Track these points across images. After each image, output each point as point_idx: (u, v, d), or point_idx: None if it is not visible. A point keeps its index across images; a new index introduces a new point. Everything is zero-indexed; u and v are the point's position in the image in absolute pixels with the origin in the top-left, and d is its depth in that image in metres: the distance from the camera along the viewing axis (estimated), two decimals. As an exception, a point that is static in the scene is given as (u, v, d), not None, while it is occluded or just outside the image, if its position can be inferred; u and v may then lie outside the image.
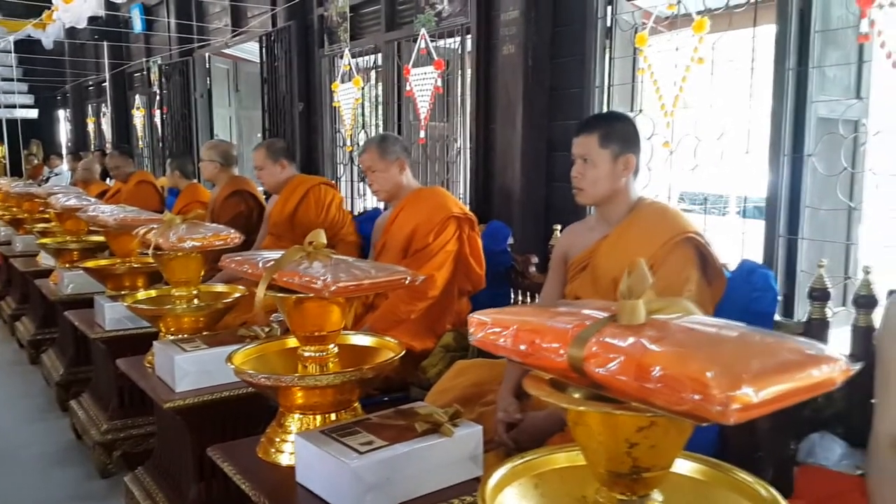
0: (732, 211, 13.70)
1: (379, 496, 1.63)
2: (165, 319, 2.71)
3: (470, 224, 3.13)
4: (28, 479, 3.28)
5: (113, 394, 3.28)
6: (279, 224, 4.00)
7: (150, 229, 2.77)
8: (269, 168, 4.09)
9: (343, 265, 1.92)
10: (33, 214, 5.89)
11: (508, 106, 4.60)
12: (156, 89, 10.07)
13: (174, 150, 9.48)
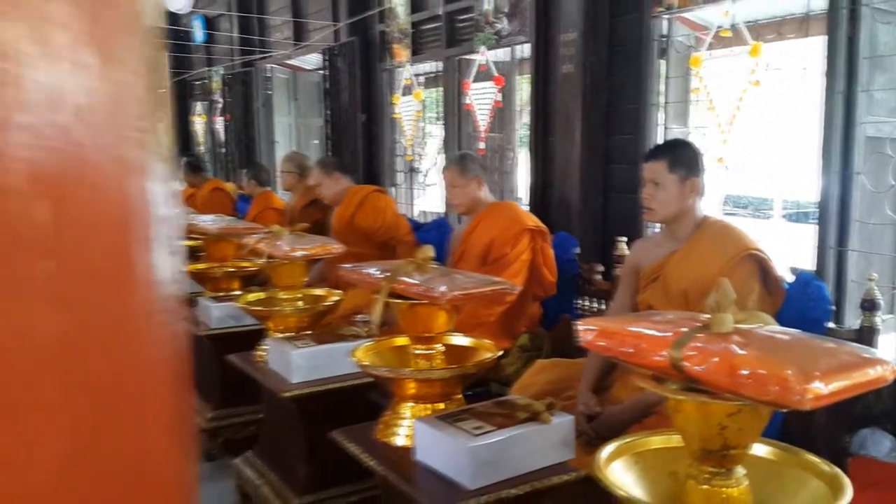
0: (777, 214, 13.78)
1: (490, 472, 1.94)
2: (275, 319, 3.06)
3: (542, 236, 3.43)
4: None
5: (216, 386, 3.65)
6: (341, 231, 4.34)
7: (260, 239, 3.12)
8: (325, 182, 4.45)
9: (450, 276, 2.24)
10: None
11: (567, 121, 4.88)
12: (217, 97, 10.54)
13: (237, 156, 9.93)
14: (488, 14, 5.96)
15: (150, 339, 0.43)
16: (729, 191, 12.91)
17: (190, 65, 12.00)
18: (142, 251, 0.42)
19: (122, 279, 0.41)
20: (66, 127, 0.39)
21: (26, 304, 0.38)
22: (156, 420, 0.43)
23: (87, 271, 0.39)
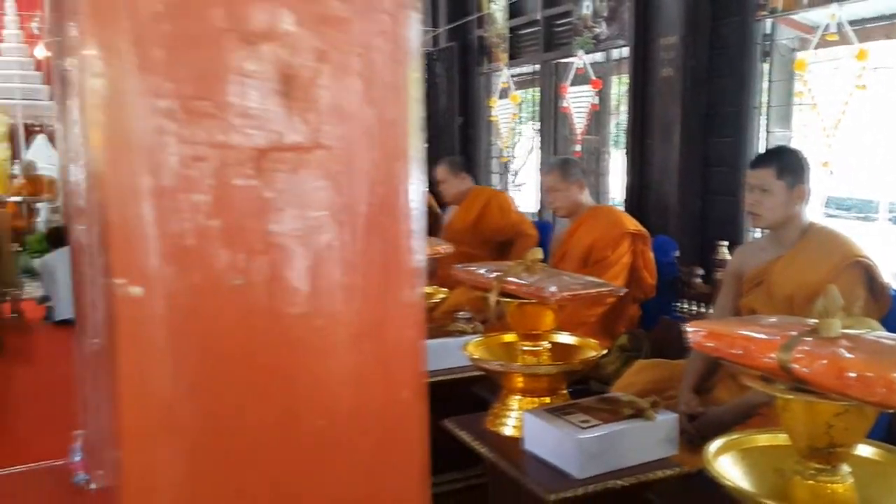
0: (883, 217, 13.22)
1: (597, 464, 2.06)
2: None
3: (643, 239, 3.51)
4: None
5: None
6: (461, 231, 4.50)
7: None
8: (451, 181, 4.62)
9: (558, 277, 2.36)
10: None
11: (665, 124, 4.91)
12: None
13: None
14: (587, 18, 6.03)
15: (415, 321, 0.58)
16: (832, 193, 12.49)
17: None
18: (409, 246, 0.57)
19: (399, 273, 0.56)
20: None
21: (332, 306, 0.54)
22: (413, 379, 0.59)
23: (376, 273, 0.55)
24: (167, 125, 0.49)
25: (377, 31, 0.53)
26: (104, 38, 0.47)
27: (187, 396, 0.51)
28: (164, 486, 0.51)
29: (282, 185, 0.52)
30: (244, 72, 0.50)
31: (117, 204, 0.49)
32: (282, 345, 0.53)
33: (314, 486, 0.55)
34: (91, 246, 0.57)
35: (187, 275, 0.51)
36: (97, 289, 0.57)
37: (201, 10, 0.48)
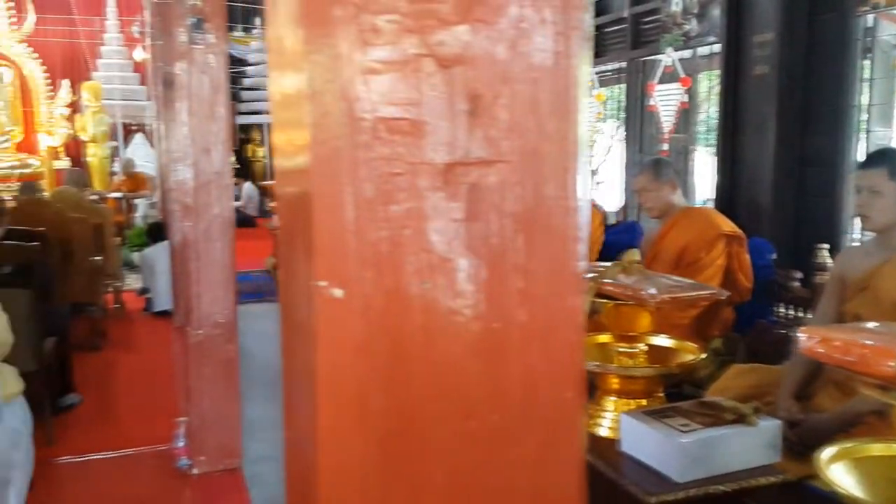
0: None
1: (698, 468, 2.05)
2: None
3: (738, 241, 3.44)
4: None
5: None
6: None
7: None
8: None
9: (656, 279, 2.36)
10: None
11: (759, 123, 4.80)
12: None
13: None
14: (676, 15, 5.94)
15: (578, 325, 0.62)
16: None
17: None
18: (575, 252, 0.61)
19: (566, 279, 0.60)
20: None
21: (509, 309, 0.58)
22: (575, 380, 0.62)
23: (546, 279, 0.59)
24: (372, 143, 0.53)
25: (551, 52, 0.57)
26: (323, 67, 0.52)
27: (379, 390, 0.56)
28: (356, 472, 0.56)
29: (466, 196, 0.56)
30: (438, 93, 0.54)
31: (323, 214, 0.54)
32: (460, 345, 0.57)
33: (486, 477, 0.59)
34: (288, 249, 0.63)
35: (381, 279, 0.55)
36: (292, 289, 0.62)
37: (400, 38, 0.53)
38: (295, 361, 0.64)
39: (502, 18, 0.55)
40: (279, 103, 0.61)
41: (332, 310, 0.55)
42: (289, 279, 0.65)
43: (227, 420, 3.48)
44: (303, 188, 0.55)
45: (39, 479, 3.27)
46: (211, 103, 3.34)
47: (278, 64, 0.61)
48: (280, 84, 0.60)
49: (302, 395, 0.60)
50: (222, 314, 3.48)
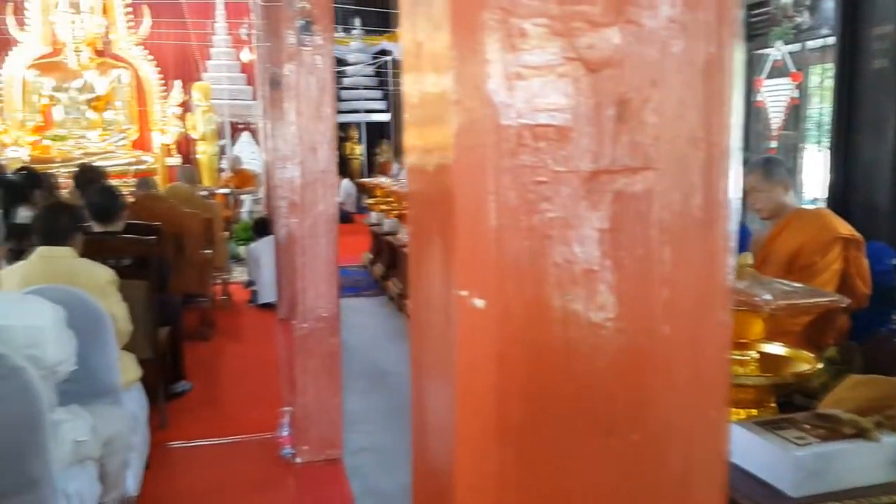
0: None
1: (814, 483, 1.95)
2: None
3: (856, 245, 3.26)
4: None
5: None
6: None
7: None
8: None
9: (771, 284, 2.26)
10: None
11: (877, 119, 4.54)
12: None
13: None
14: (787, 8, 5.69)
15: (725, 341, 0.59)
16: None
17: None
18: (724, 265, 0.58)
19: (714, 292, 0.57)
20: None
21: (653, 321, 0.56)
22: (720, 399, 0.59)
23: (692, 292, 0.56)
24: (516, 150, 0.52)
25: (704, 53, 0.54)
26: (469, 72, 0.52)
27: (518, 404, 0.55)
28: (493, 485, 0.55)
29: (611, 205, 0.54)
30: (585, 99, 0.53)
31: (466, 222, 0.53)
32: (602, 359, 0.56)
33: (626, 496, 0.57)
34: (423, 253, 0.62)
35: (523, 290, 0.54)
36: (426, 294, 0.62)
37: (547, 42, 0.52)
38: (429, 368, 0.64)
39: (653, 19, 0.53)
40: (417, 105, 0.61)
41: (473, 319, 0.54)
42: (422, 284, 0.65)
43: (329, 411, 3.56)
44: (444, 195, 0.55)
45: (154, 461, 3.43)
46: (318, 103, 3.41)
47: (417, 67, 0.60)
48: (419, 87, 0.60)
49: (438, 404, 0.60)
50: (326, 308, 3.56)
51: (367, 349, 5.45)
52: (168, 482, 3.41)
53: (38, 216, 3.24)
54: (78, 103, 11.72)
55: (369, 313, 6.81)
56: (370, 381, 4.77)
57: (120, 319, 3.07)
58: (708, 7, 0.54)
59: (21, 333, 2.20)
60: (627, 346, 0.56)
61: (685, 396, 0.58)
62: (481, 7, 0.51)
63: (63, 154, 11.23)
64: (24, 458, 2.17)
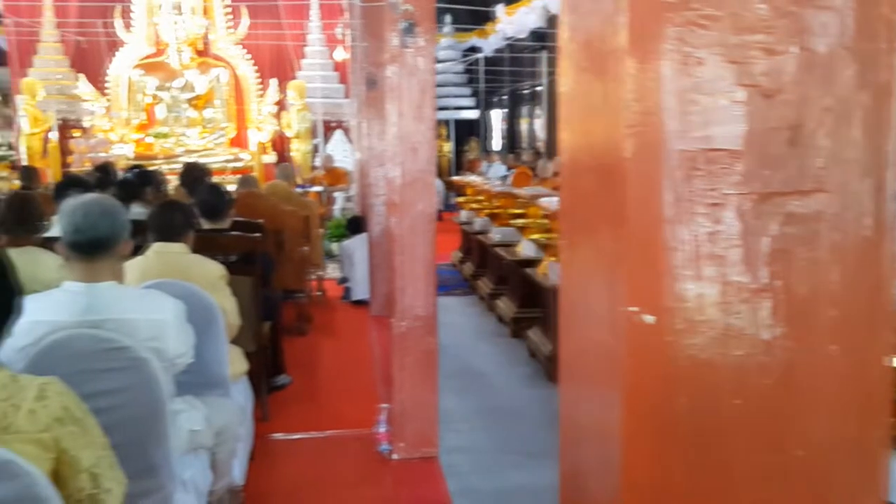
0: None
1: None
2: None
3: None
4: (534, 434, 4.07)
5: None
6: None
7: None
8: None
9: None
10: (506, 209, 6.98)
11: None
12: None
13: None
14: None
15: (886, 363, 0.59)
16: None
17: (563, 63, 12.62)
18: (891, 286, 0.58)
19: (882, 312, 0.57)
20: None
21: (821, 340, 0.56)
22: (882, 420, 0.59)
23: (862, 313, 0.57)
24: (690, 173, 0.54)
25: (875, 81, 0.54)
26: (646, 97, 0.53)
27: (684, 414, 0.56)
28: (658, 490, 0.56)
29: (781, 227, 0.55)
30: (758, 124, 0.54)
31: (639, 241, 0.55)
32: (769, 377, 0.56)
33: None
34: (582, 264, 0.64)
35: (691, 307, 0.55)
36: (586, 305, 0.63)
37: (723, 69, 0.53)
38: (587, 379, 0.66)
39: (827, 47, 0.53)
40: (586, 127, 0.63)
41: (642, 335, 0.56)
42: (581, 297, 0.66)
43: (425, 409, 3.62)
44: (615, 216, 0.56)
45: (257, 452, 3.57)
46: (419, 104, 3.47)
47: (588, 90, 0.62)
48: (590, 108, 0.62)
49: (599, 415, 0.62)
50: (423, 307, 3.62)
51: (458, 349, 5.50)
52: (271, 473, 3.54)
53: (154, 214, 3.41)
54: (179, 102, 12.25)
55: (459, 312, 6.86)
56: (462, 381, 4.82)
57: (230, 313, 3.20)
58: (879, 35, 0.54)
59: (144, 326, 2.32)
60: (794, 365, 0.56)
61: (849, 415, 0.58)
62: (660, 37, 0.52)
63: (165, 151, 11.76)
64: (146, 446, 2.30)
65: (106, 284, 2.31)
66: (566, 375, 0.79)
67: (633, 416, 0.57)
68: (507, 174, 12.04)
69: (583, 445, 0.69)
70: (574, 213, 0.68)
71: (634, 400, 0.57)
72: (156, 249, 3.26)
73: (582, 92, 0.65)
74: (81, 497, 1.69)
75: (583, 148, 0.65)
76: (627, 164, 0.55)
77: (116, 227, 2.31)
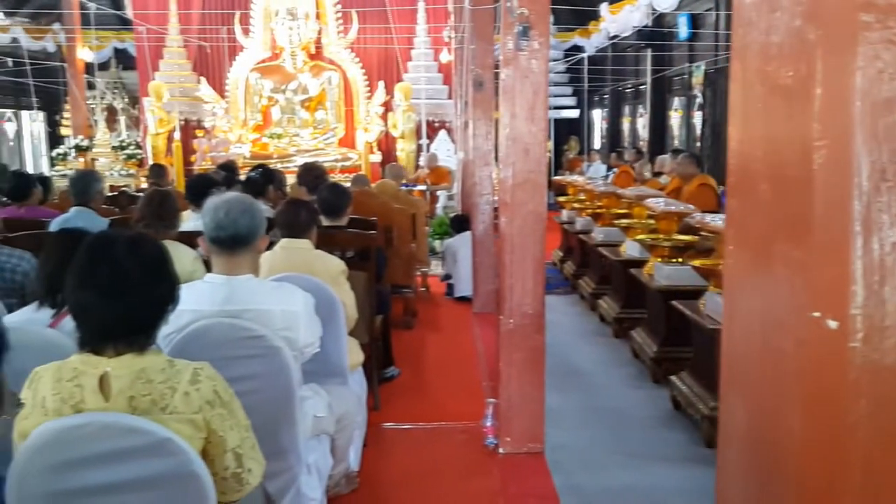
0: None
1: None
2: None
3: None
4: (641, 435, 4.06)
5: (717, 377, 3.85)
6: None
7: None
8: None
9: None
10: (610, 209, 6.94)
11: None
12: (696, 92, 10.71)
13: (712, 151, 10.00)
14: None
15: None
16: None
17: (671, 61, 12.36)
18: None
19: None
20: None
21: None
22: None
23: None
24: (878, 185, 0.58)
25: None
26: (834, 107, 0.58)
27: (864, 419, 0.60)
28: (836, 489, 0.60)
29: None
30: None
31: (830, 250, 0.59)
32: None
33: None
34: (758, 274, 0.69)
35: (872, 317, 0.59)
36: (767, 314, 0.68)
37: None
38: (759, 385, 0.70)
39: None
40: (768, 135, 0.67)
41: (824, 341, 0.60)
42: (749, 300, 0.71)
43: (532, 405, 3.67)
44: (800, 226, 0.61)
45: (370, 440, 3.72)
46: (531, 106, 3.53)
47: (761, 94, 0.67)
48: (766, 112, 0.66)
49: (775, 421, 0.66)
50: (531, 305, 3.68)
51: (561, 347, 5.52)
52: (383, 460, 3.68)
53: (280, 211, 3.61)
54: (293, 104, 12.74)
55: (561, 311, 6.87)
56: (565, 380, 4.85)
57: (349, 306, 3.35)
58: None
59: (279, 317, 2.48)
60: None
61: None
62: (854, 54, 0.56)
63: (279, 151, 12.25)
64: (277, 429, 2.45)
65: (244, 277, 2.48)
66: (729, 381, 0.83)
67: (811, 422, 0.60)
68: (608, 174, 11.92)
69: (748, 450, 0.74)
70: (745, 221, 0.73)
71: (812, 405, 0.60)
72: (283, 245, 3.45)
73: (760, 103, 0.70)
74: (226, 475, 1.84)
75: (759, 158, 0.69)
76: (816, 175, 0.59)
77: (255, 223, 2.48)
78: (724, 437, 0.82)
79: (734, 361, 0.82)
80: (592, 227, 7.17)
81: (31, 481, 1.68)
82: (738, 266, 0.75)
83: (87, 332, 1.74)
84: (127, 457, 1.68)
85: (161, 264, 1.80)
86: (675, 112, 12.03)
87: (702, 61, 10.70)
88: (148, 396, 1.71)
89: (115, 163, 12.26)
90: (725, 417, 0.84)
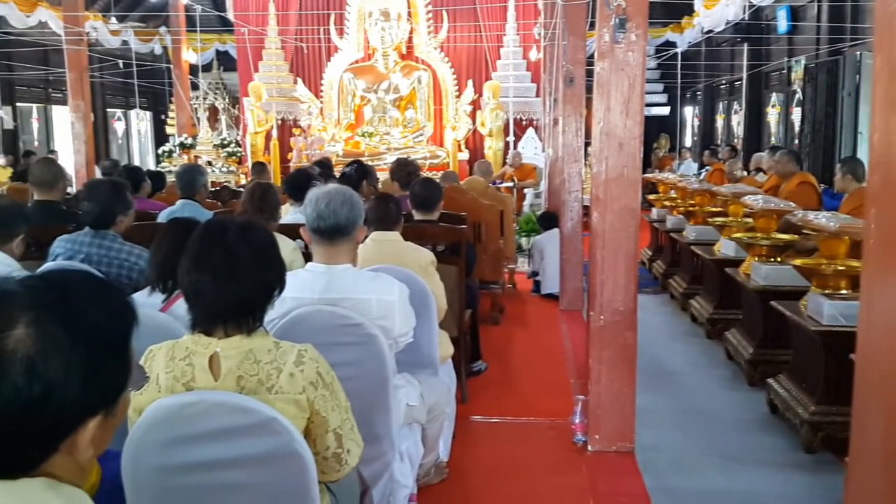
0: None
1: None
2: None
3: None
4: (735, 438, 3.96)
5: (820, 380, 3.71)
6: None
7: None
8: None
9: None
10: (703, 207, 6.77)
11: None
12: (796, 88, 10.30)
13: (812, 149, 9.60)
14: None
15: None
16: None
17: (768, 56, 11.94)
18: None
19: None
20: None
21: None
22: None
23: None
24: None
25: None
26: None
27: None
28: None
29: None
30: None
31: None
32: None
33: None
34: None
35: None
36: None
37: None
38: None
39: None
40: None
41: None
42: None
43: (622, 404, 3.63)
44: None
45: (458, 432, 3.76)
46: (627, 99, 3.49)
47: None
48: None
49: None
50: (623, 302, 3.64)
51: (652, 346, 5.43)
52: (471, 453, 3.71)
53: (372, 205, 3.68)
54: (385, 103, 12.96)
55: (651, 310, 6.75)
56: (656, 379, 4.77)
57: (439, 297, 3.39)
58: None
59: (375, 306, 2.54)
60: None
61: None
62: None
63: (370, 149, 12.48)
64: (372, 415, 2.51)
65: (343, 266, 2.56)
66: (864, 387, 0.83)
67: (874, 414, 0.60)
68: (700, 172, 11.60)
69: (887, 461, 0.73)
70: (890, 221, 0.72)
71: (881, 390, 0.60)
72: (374, 237, 3.52)
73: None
74: (327, 455, 1.90)
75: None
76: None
77: (354, 215, 2.55)
78: (856, 446, 0.82)
79: (871, 367, 0.81)
80: (685, 226, 7.01)
81: (145, 456, 1.77)
82: (879, 268, 0.75)
83: (198, 313, 1.83)
84: (234, 435, 1.75)
85: (270, 250, 1.88)
86: (772, 108, 11.61)
87: (802, 55, 10.28)
88: (255, 376, 1.79)
89: (216, 160, 12.74)
90: (859, 425, 0.83)
